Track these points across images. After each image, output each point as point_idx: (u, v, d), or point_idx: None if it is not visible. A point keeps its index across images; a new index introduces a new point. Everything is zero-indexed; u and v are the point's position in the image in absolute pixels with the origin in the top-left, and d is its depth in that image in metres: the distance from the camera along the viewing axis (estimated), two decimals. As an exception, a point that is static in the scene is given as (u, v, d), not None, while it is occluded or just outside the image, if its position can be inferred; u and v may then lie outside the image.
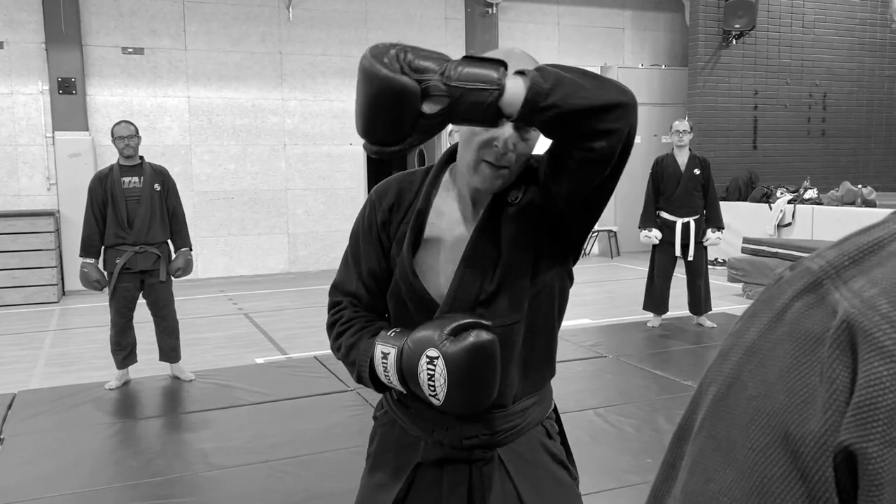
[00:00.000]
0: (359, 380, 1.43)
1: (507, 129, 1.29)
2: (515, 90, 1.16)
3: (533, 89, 1.15)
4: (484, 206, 1.41)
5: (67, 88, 8.65)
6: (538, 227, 1.39)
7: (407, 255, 1.41)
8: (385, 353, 1.35)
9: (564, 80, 1.16)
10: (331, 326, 1.52)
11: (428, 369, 1.29)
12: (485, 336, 1.29)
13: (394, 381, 1.35)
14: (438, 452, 1.43)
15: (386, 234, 1.47)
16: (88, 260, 4.62)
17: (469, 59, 1.19)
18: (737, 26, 10.62)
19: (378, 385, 1.42)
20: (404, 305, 1.44)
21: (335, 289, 1.55)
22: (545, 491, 1.46)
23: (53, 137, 8.65)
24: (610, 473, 3.40)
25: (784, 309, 0.44)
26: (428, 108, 1.18)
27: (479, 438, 1.43)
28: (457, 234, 1.42)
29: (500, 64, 1.18)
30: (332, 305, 1.54)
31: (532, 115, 1.16)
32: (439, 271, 1.41)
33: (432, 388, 1.30)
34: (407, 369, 1.32)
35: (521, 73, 1.18)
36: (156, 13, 9.11)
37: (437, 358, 1.28)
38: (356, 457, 3.60)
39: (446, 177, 1.49)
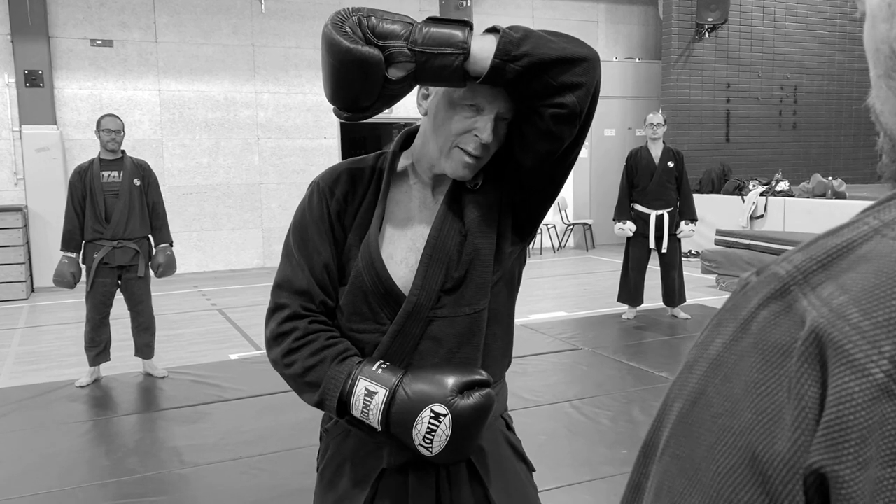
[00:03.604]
0: (317, 405, 1.32)
1: (487, 120, 1.26)
2: (483, 49, 1.18)
3: (504, 38, 1.17)
4: (443, 193, 1.37)
5: (34, 81, 8.49)
6: (500, 210, 1.37)
7: (374, 241, 1.34)
8: (371, 391, 1.27)
9: (533, 33, 1.20)
10: (278, 338, 1.35)
11: (430, 424, 1.23)
12: (492, 395, 1.27)
13: (373, 420, 1.27)
14: (406, 456, 1.36)
15: (340, 224, 1.38)
16: (70, 254, 4.56)
17: (434, 20, 1.20)
18: (709, 20, 10.70)
19: (341, 413, 1.32)
20: (364, 300, 1.34)
21: (280, 289, 1.39)
22: (510, 486, 1.44)
23: (20, 131, 8.48)
24: (586, 465, 3.41)
25: (750, 318, 0.41)
26: (393, 73, 1.19)
27: None
28: (416, 221, 1.37)
29: (466, 25, 1.19)
30: (277, 309, 1.38)
31: (505, 65, 1.17)
32: (400, 259, 1.35)
33: (427, 441, 1.24)
34: (399, 416, 1.25)
35: (491, 30, 1.20)
36: (125, 5, 8.95)
37: (445, 416, 1.23)
38: (332, 453, 3.59)
39: (402, 161, 1.43)
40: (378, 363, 1.31)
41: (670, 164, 6.02)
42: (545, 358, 5.08)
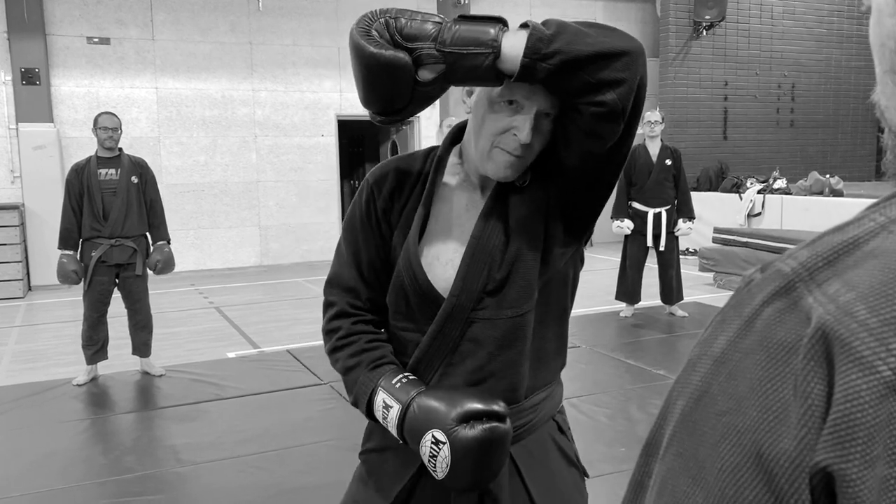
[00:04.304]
0: (353, 404, 1.36)
1: (526, 118, 1.20)
2: (514, 47, 1.12)
3: (534, 35, 1.11)
4: (490, 191, 1.32)
5: (31, 79, 8.46)
6: (547, 211, 1.31)
7: (413, 243, 1.31)
8: (388, 405, 1.27)
9: (567, 28, 1.14)
10: (327, 334, 1.40)
11: (431, 449, 1.22)
12: (500, 430, 1.20)
13: (392, 433, 1.29)
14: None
15: (387, 222, 1.35)
16: (67, 252, 4.54)
17: (465, 18, 1.16)
18: (707, 17, 10.70)
19: (371, 418, 1.34)
20: (405, 300, 1.33)
21: (330, 286, 1.41)
22: (556, 492, 1.39)
23: (17, 129, 8.46)
24: (584, 463, 3.40)
25: (754, 315, 0.41)
26: (423, 75, 1.16)
27: None
28: (463, 221, 1.32)
29: (498, 21, 1.15)
30: (327, 306, 1.41)
31: (535, 63, 1.11)
32: (446, 261, 1.31)
33: (432, 465, 1.23)
34: (409, 433, 1.25)
35: (524, 25, 1.15)
36: (122, 2, 8.93)
37: (443, 443, 1.20)
38: (329, 451, 3.58)
39: (451, 160, 1.38)
40: (399, 376, 1.29)
41: (668, 161, 6.02)
42: (543, 356, 5.08)
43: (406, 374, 1.30)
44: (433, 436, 1.21)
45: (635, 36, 1.16)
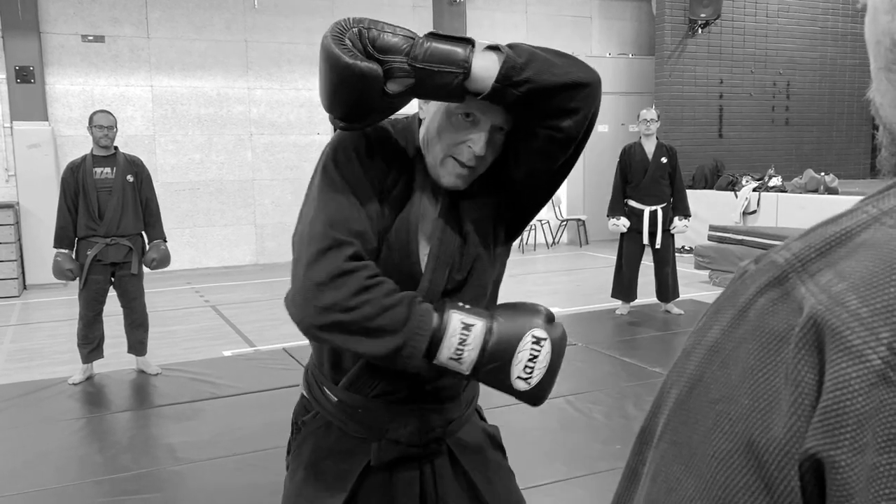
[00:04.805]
0: (394, 351, 1.18)
1: (482, 132, 1.24)
2: (484, 69, 1.16)
3: (507, 63, 1.16)
4: (442, 194, 1.35)
5: (25, 77, 8.44)
6: (495, 215, 1.37)
7: (414, 223, 1.28)
8: (468, 324, 1.20)
9: (537, 56, 1.18)
10: (343, 275, 1.18)
11: (532, 349, 1.21)
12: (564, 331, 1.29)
13: (467, 360, 1.19)
14: (393, 452, 1.34)
15: (382, 186, 1.29)
16: (63, 250, 4.53)
17: (435, 36, 1.18)
18: (702, 15, 10.71)
19: (429, 355, 1.20)
20: (385, 275, 1.25)
21: (332, 227, 1.21)
22: (493, 476, 1.44)
23: (11, 128, 8.43)
24: (580, 461, 3.42)
25: (748, 305, 0.41)
26: (392, 87, 1.18)
27: (436, 431, 1.37)
28: (429, 213, 1.34)
29: (468, 42, 1.18)
30: (338, 246, 1.20)
31: (505, 89, 1.16)
32: (419, 249, 1.32)
33: (528, 371, 1.20)
34: (499, 346, 1.20)
35: (493, 48, 1.19)
36: (116, 0, 8.91)
37: (545, 340, 1.22)
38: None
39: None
40: (458, 302, 1.27)
41: (663, 159, 6.03)
42: (539, 353, 5.09)
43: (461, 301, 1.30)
44: (534, 335, 1.22)
45: (632, 34, 1.19)
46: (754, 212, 9.05)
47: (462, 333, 1.20)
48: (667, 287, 6.19)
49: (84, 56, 8.81)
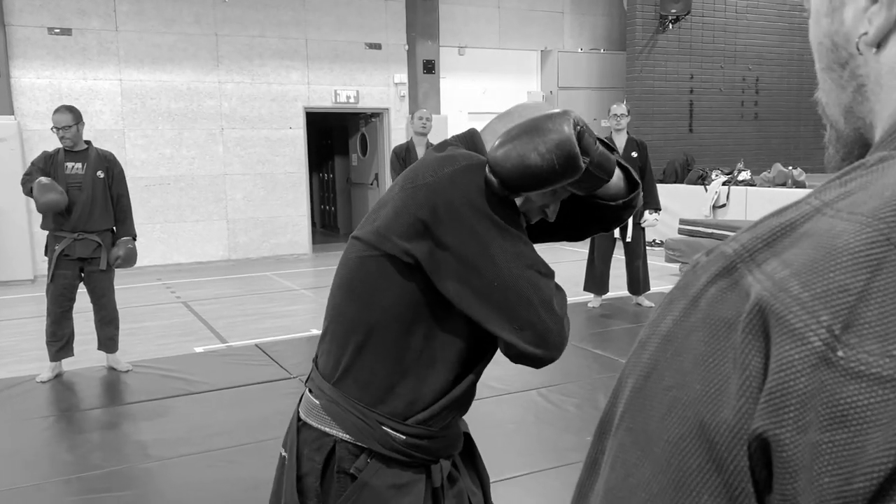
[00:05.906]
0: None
1: (558, 204, 1.39)
2: (616, 185, 1.39)
3: (636, 196, 1.43)
4: None
5: (-10, 70, 8.27)
6: None
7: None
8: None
9: (638, 185, 1.45)
10: (563, 302, 1.32)
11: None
12: None
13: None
14: (448, 468, 1.44)
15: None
16: (42, 180, 4.31)
17: (601, 142, 1.31)
18: (673, 11, 10.81)
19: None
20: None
21: (537, 270, 1.28)
22: (479, 461, 1.59)
23: (-24, 122, 8.27)
24: (553, 452, 3.45)
25: (699, 295, 0.43)
26: None
27: (462, 436, 1.51)
28: None
29: (613, 150, 1.33)
30: (548, 277, 1.30)
31: (608, 205, 1.42)
32: None
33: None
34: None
35: (620, 165, 1.39)
36: (84, -8, 8.76)
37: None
38: (299, 444, 3.58)
39: None
40: None
41: (634, 154, 6.08)
42: (512, 347, 5.12)
43: None
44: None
45: (603, 29, 1.24)
46: (724, 205, 9.16)
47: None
48: (638, 280, 6.25)
49: (51, 49, 8.66)
